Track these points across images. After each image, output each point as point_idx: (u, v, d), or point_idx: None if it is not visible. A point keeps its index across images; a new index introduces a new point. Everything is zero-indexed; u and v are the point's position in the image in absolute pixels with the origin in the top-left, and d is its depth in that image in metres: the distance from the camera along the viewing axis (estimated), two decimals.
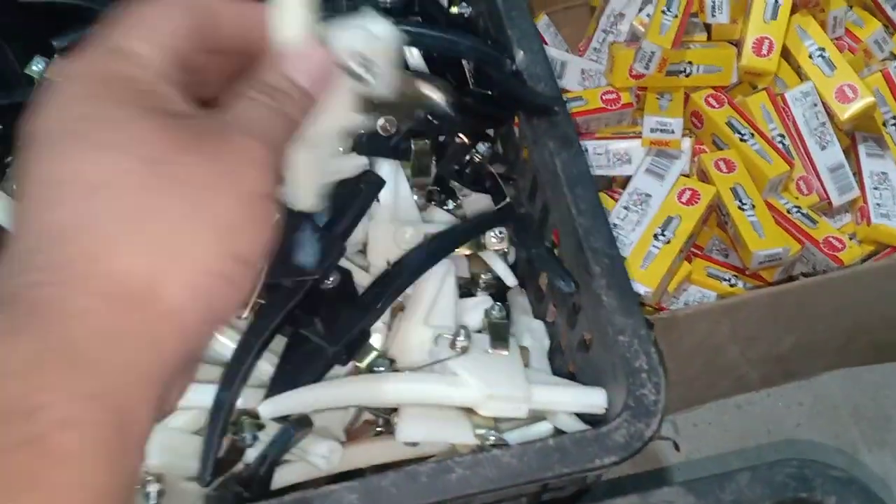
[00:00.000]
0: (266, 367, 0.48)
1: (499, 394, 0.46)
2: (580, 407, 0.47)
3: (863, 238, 0.76)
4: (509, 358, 0.48)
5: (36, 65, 0.52)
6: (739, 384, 0.77)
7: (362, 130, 0.34)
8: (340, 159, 0.55)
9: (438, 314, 0.52)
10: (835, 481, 0.41)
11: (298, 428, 0.45)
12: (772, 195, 0.76)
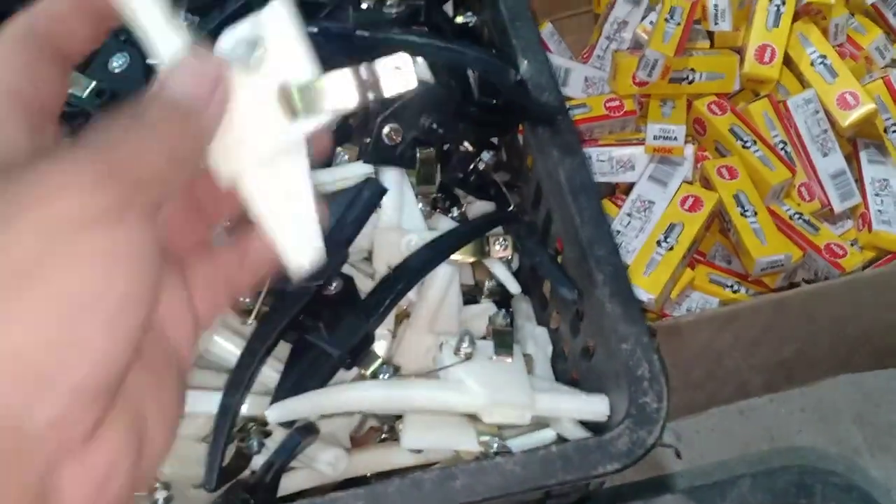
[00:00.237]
0: (271, 375, 0.48)
1: (503, 401, 0.46)
2: (583, 414, 0.47)
3: (864, 244, 0.76)
4: (513, 365, 0.49)
5: None
6: (742, 390, 0.78)
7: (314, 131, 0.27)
8: (345, 167, 0.56)
9: (443, 321, 0.52)
10: (835, 488, 0.41)
11: (305, 435, 0.46)
12: (774, 202, 0.76)
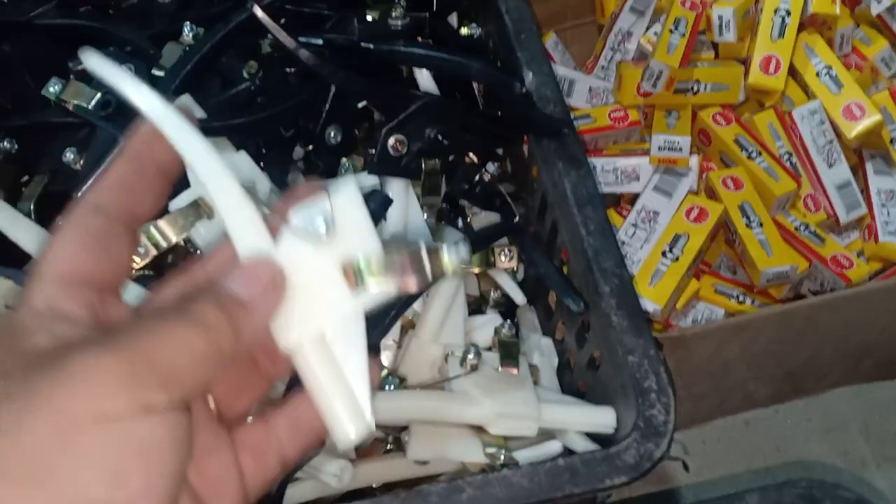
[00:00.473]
0: (277, 385, 0.48)
1: (509, 412, 0.46)
2: (590, 426, 0.47)
3: (870, 256, 0.76)
4: (519, 376, 0.49)
5: (52, 86, 0.53)
6: (748, 401, 0.77)
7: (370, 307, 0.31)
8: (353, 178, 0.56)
9: (448, 332, 0.52)
10: (844, 502, 0.41)
11: None
12: (779, 213, 0.76)
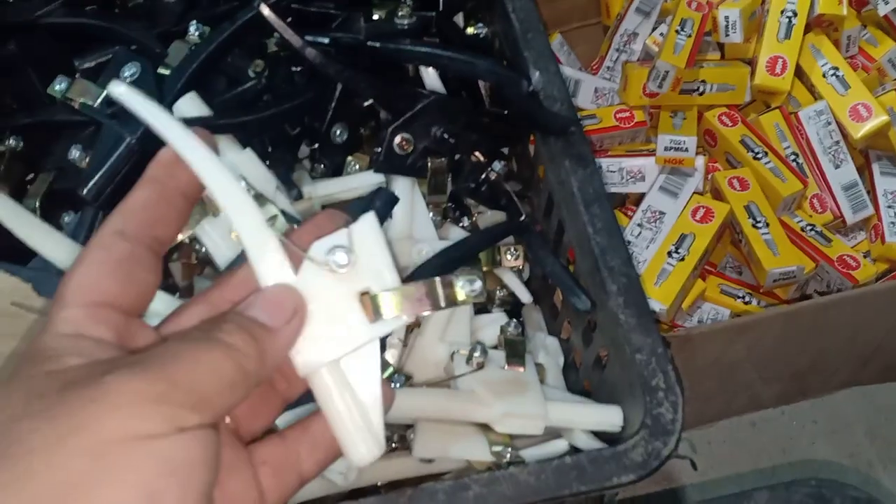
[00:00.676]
0: None
1: (515, 411, 0.46)
2: (596, 425, 0.47)
3: (877, 256, 0.75)
4: (526, 375, 0.48)
5: (58, 84, 0.53)
6: (754, 402, 0.77)
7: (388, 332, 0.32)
8: (357, 177, 0.56)
9: (454, 331, 0.52)
10: (854, 501, 0.40)
11: None
12: (786, 213, 0.76)
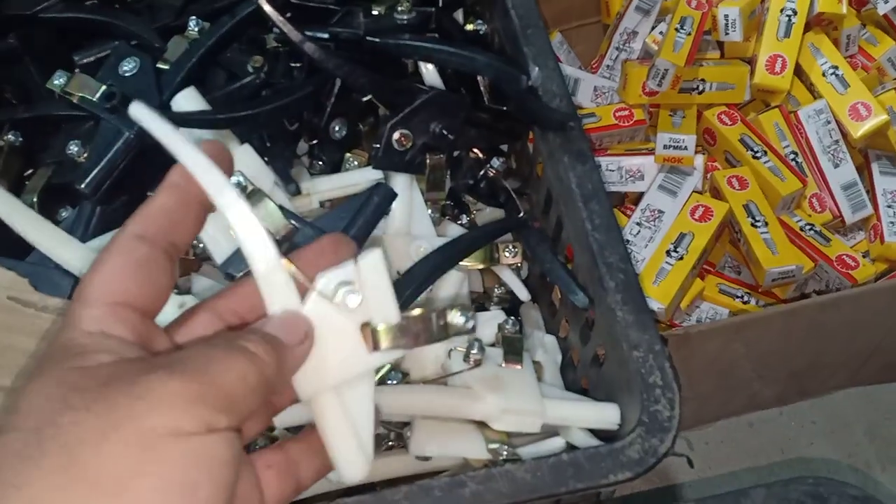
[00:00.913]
0: None
1: (513, 408, 0.46)
2: (594, 423, 0.46)
3: (876, 256, 0.75)
4: (523, 372, 0.48)
5: (57, 79, 0.53)
6: (752, 402, 0.77)
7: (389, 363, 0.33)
8: (355, 173, 0.55)
9: None
10: (851, 500, 0.40)
11: None
12: (785, 212, 0.76)
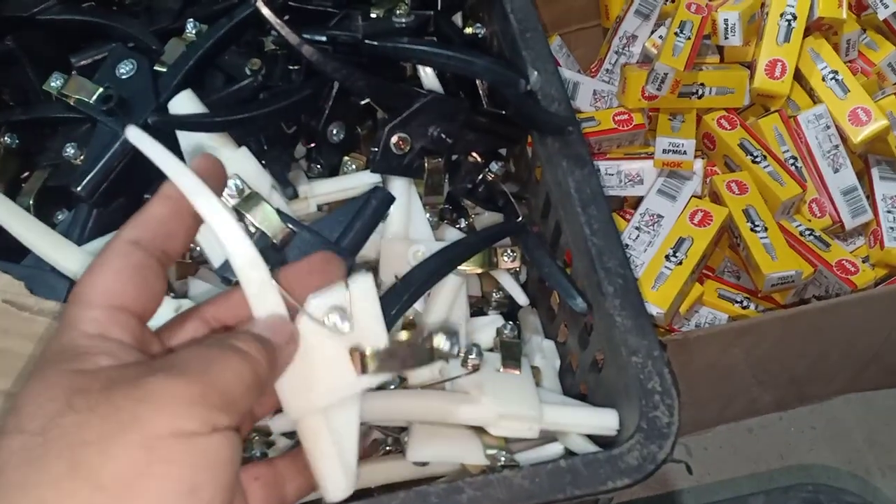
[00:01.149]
0: None
1: (510, 413, 0.46)
2: (592, 428, 0.46)
3: (876, 262, 0.75)
4: (521, 377, 0.48)
5: (54, 81, 0.53)
6: (751, 407, 0.77)
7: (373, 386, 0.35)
8: (353, 176, 0.55)
9: None
10: None
11: None
12: (784, 217, 0.76)
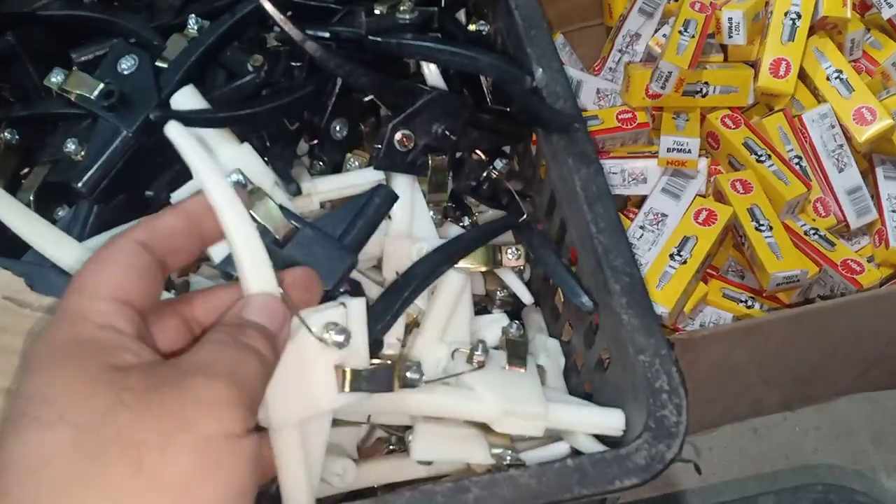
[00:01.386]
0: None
1: (516, 410, 0.45)
2: (598, 428, 0.46)
3: (881, 261, 0.75)
4: (526, 375, 0.48)
5: (55, 76, 0.52)
6: (757, 407, 0.76)
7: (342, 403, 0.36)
8: (356, 173, 0.55)
9: (454, 331, 0.51)
10: None
11: None
12: (789, 217, 0.75)
